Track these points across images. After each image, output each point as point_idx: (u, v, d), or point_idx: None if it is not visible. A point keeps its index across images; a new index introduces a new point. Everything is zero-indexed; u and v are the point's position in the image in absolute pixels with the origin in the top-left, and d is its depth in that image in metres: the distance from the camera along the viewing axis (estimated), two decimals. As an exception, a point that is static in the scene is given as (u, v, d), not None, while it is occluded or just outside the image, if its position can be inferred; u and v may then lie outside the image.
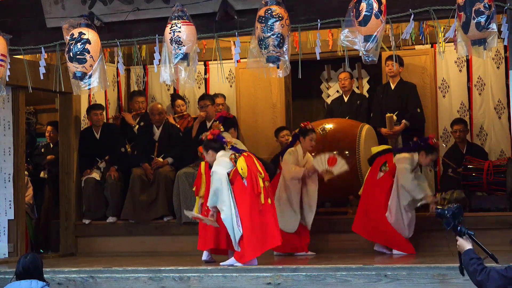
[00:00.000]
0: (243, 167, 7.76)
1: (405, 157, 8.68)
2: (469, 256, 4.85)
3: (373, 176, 8.85)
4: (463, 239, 4.93)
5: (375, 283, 6.87)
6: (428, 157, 8.71)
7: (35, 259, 6.25)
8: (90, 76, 7.34)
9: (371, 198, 8.76)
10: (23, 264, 6.20)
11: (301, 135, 8.99)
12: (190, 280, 7.30)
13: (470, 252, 4.87)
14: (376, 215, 8.66)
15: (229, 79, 11.03)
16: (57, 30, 7.66)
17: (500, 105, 10.01)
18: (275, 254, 8.76)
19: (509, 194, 9.03)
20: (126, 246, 9.90)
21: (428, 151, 8.69)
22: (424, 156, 8.69)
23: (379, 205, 8.68)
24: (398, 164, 8.67)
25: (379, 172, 8.81)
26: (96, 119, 10.33)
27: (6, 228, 9.45)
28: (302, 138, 8.97)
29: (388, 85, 10.08)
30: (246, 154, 7.94)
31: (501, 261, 6.65)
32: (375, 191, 8.76)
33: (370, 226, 8.71)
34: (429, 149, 8.70)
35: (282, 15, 6.86)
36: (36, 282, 6.11)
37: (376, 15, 6.49)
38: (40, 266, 6.25)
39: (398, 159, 8.71)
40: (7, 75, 7.70)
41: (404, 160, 8.67)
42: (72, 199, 10.08)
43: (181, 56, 7.09)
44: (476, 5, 6.34)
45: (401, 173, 8.63)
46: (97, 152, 10.26)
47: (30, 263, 6.19)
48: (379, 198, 8.70)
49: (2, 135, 9.51)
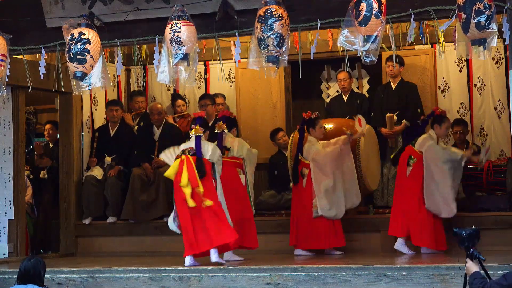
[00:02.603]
0: (170, 171, 7.99)
1: (424, 137, 8.70)
2: (474, 276, 4.94)
3: (402, 176, 8.77)
4: (472, 262, 5.00)
5: (375, 283, 6.87)
6: (443, 126, 8.75)
7: (38, 264, 6.24)
8: (90, 76, 7.35)
9: (406, 195, 8.65)
10: (25, 266, 6.20)
11: (309, 126, 8.98)
12: (190, 280, 7.31)
13: (476, 273, 4.95)
14: (413, 209, 8.55)
15: (229, 79, 11.03)
16: (57, 30, 7.67)
17: (500, 105, 10.00)
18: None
19: (509, 194, 9.03)
20: (126, 246, 9.90)
21: (439, 121, 8.74)
22: (439, 127, 8.73)
23: (416, 199, 8.57)
24: (422, 147, 8.63)
25: (408, 168, 8.72)
26: (111, 115, 10.38)
27: (6, 228, 9.46)
28: (311, 129, 8.97)
29: (389, 85, 10.08)
30: (183, 158, 8.00)
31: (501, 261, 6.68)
32: (409, 187, 8.65)
33: (407, 225, 8.59)
34: (439, 119, 8.75)
35: (282, 15, 6.86)
36: (33, 286, 6.10)
37: (376, 15, 6.48)
38: (42, 271, 6.23)
39: (419, 143, 8.68)
40: (7, 75, 7.70)
41: (425, 140, 8.66)
42: (72, 199, 10.09)
43: (181, 56, 7.10)
44: (476, 5, 6.34)
45: (429, 152, 8.57)
46: (108, 149, 10.29)
47: (32, 267, 6.18)
48: (415, 192, 8.58)
49: (2, 135, 9.52)
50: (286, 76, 10.86)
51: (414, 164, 8.69)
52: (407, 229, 8.59)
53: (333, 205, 8.74)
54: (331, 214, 8.75)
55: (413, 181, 8.64)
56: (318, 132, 8.99)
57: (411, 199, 8.59)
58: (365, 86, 10.88)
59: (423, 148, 8.66)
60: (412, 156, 8.72)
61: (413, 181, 8.63)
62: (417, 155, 8.68)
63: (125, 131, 10.47)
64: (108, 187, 10.12)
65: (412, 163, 8.71)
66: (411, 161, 8.73)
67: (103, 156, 10.30)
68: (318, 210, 8.73)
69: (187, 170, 7.87)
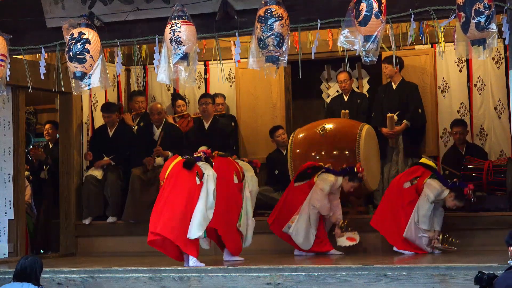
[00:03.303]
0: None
1: (435, 187, 8.55)
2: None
3: (400, 181, 8.77)
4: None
5: (375, 283, 6.87)
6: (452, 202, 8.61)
7: (34, 262, 6.24)
8: (90, 76, 7.34)
9: (394, 203, 8.69)
10: (22, 264, 6.21)
11: (349, 176, 8.90)
12: (190, 280, 7.31)
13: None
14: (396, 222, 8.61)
15: (229, 79, 11.03)
16: (57, 30, 7.67)
17: (500, 105, 10.00)
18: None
19: (509, 194, 9.03)
20: (126, 246, 9.90)
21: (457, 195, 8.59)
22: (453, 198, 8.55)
23: (400, 214, 8.62)
24: (426, 189, 8.57)
25: (408, 182, 8.72)
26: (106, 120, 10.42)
27: (6, 228, 9.46)
28: (345, 178, 8.89)
29: (390, 85, 10.08)
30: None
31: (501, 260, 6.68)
32: (399, 198, 8.69)
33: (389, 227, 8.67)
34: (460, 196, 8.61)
35: (282, 15, 6.86)
36: (28, 285, 6.10)
37: (376, 15, 6.48)
38: (38, 270, 6.24)
39: (428, 184, 8.58)
40: (7, 75, 7.70)
41: (432, 189, 8.54)
42: (72, 199, 10.09)
43: (180, 56, 7.10)
44: (476, 5, 6.34)
45: (422, 198, 8.55)
46: (107, 150, 10.29)
47: (28, 265, 6.19)
48: (403, 207, 8.63)
49: (2, 135, 9.51)
50: (286, 76, 10.86)
51: (413, 185, 8.70)
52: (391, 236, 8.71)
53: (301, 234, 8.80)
54: (297, 241, 8.80)
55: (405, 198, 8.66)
56: (348, 186, 8.93)
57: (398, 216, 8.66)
58: (365, 86, 10.88)
59: (425, 189, 8.58)
60: (418, 179, 8.70)
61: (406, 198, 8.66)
62: (420, 184, 8.63)
63: (124, 131, 10.46)
64: (108, 187, 10.13)
65: (414, 183, 8.71)
66: (415, 180, 8.71)
67: (102, 157, 10.30)
68: (291, 228, 8.80)
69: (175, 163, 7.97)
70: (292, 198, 8.98)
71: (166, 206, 7.81)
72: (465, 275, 6.63)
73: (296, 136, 9.63)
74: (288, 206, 8.92)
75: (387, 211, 8.73)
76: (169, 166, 8.01)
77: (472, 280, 5.53)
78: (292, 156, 9.52)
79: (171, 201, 7.81)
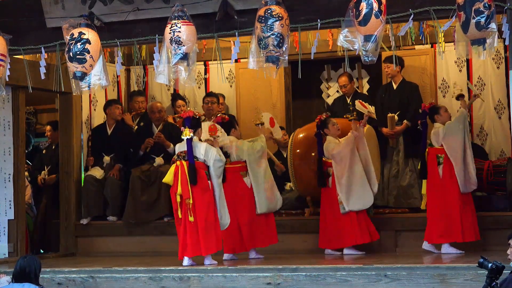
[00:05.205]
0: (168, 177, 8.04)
1: (434, 132, 8.75)
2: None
3: (435, 179, 8.68)
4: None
5: (375, 283, 6.88)
6: (442, 113, 8.83)
7: (33, 262, 6.24)
8: (90, 76, 7.35)
9: (444, 198, 8.58)
10: (21, 264, 6.21)
11: (323, 128, 9.08)
12: (190, 280, 7.31)
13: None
14: (455, 211, 8.50)
15: (229, 79, 11.03)
16: (57, 30, 7.67)
17: (500, 105, 10.00)
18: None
19: (509, 194, 9.02)
20: (126, 246, 9.90)
21: (436, 111, 8.83)
22: (439, 116, 8.79)
23: (457, 200, 8.53)
24: (440, 139, 8.65)
25: (439, 167, 8.66)
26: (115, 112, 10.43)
27: (6, 228, 9.46)
28: (326, 129, 9.08)
29: (390, 85, 10.07)
30: (178, 164, 8.00)
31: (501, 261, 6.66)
32: (445, 188, 8.60)
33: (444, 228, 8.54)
34: (434, 110, 8.85)
35: (282, 15, 6.86)
36: (29, 285, 6.10)
37: (376, 15, 6.49)
38: (37, 270, 6.24)
39: (435, 139, 8.71)
40: (7, 75, 7.71)
41: (437, 131, 8.67)
42: (72, 199, 10.08)
43: (180, 56, 7.10)
44: (476, 4, 6.34)
45: (448, 132, 8.63)
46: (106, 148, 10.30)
47: (27, 265, 6.19)
48: (452, 192, 8.55)
49: (2, 135, 9.52)
50: (286, 76, 10.86)
51: (444, 160, 8.67)
52: (450, 233, 8.53)
53: (355, 197, 8.78)
54: (356, 207, 8.77)
55: (449, 180, 8.59)
56: (333, 129, 9.09)
57: (452, 201, 8.54)
58: (365, 86, 10.88)
59: (440, 138, 8.67)
60: (438, 154, 8.69)
61: (449, 178, 8.58)
62: (442, 151, 8.66)
63: (123, 130, 10.46)
64: (108, 187, 10.12)
65: (442, 160, 8.68)
66: (440, 159, 8.69)
67: (102, 156, 10.30)
68: (345, 206, 8.77)
69: (181, 179, 7.92)
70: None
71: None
72: (465, 275, 6.63)
73: (296, 136, 9.63)
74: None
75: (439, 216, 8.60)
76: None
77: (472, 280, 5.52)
78: (292, 156, 9.51)
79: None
